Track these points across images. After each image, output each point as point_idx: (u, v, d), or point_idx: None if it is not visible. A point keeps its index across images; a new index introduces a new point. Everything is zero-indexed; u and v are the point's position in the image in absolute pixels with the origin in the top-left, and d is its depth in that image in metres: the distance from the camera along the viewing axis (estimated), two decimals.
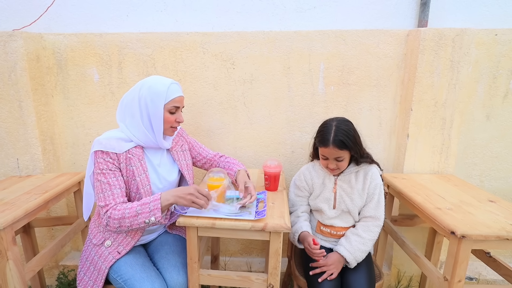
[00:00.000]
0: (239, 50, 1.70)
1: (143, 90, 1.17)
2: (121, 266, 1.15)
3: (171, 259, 1.22)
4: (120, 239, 1.20)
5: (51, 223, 1.71)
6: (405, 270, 1.80)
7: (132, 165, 1.17)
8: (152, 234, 1.33)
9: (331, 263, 1.24)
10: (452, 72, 1.58)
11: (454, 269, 1.11)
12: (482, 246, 1.11)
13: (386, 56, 1.67)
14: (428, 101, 1.62)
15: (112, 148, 1.14)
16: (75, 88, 1.78)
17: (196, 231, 1.11)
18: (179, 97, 1.21)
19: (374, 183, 1.31)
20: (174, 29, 1.75)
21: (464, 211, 1.21)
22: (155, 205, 1.06)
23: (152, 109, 1.16)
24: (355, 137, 1.24)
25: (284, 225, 1.07)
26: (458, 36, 1.53)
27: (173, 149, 1.32)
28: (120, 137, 1.18)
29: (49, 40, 1.72)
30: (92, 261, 1.19)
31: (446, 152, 1.68)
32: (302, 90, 1.74)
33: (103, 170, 1.13)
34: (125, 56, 1.73)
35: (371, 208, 1.31)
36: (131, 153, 1.18)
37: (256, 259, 1.96)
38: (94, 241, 1.22)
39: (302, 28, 1.71)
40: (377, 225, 1.31)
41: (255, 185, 1.31)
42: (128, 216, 1.06)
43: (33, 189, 1.39)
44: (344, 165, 1.27)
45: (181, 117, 1.24)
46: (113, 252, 1.17)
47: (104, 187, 1.11)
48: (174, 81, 1.22)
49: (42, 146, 1.73)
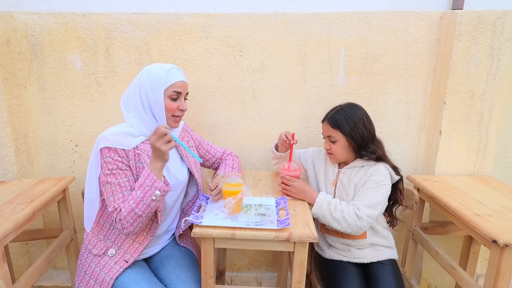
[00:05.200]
0: (248, 34, 1.78)
1: (142, 78, 1.29)
2: (125, 283, 1.22)
3: (181, 275, 1.31)
4: (126, 246, 1.29)
5: (28, 237, 1.77)
6: (436, 284, 1.94)
7: (142, 162, 1.26)
8: (155, 247, 1.41)
9: (298, 184, 1.45)
10: (492, 61, 1.69)
11: (496, 282, 1.22)
12: None
13: (416, 42, 1.77)
14: (464, 93, 1.73)
15: (120, 144, 1.23)
16: (53, 78, 1.83)
17: (212, 242, 1.20)
18: (181, 82, 1.31)
19: (372, 178, 1.43)
20: (170, 8, 1.81)
21: (506, 218, 1.33)
22: (151, 179, 1.16)
23: (152, 96, 1.28)
24: (355, 123, 1.42)
25: (311, 234, 1.16)
26: (499, 19, 1.65)
27: (180, 145, 1.42)
28: (127, 131, 1.28)
29: (21, 21, 1.76)
30: (93, 274, 1.27)
31: (483, 150, 1.80)
32: (320, 81, 1.83)
33: (112, 170, 1.21)
34: (113, 41, 1.78)
35: (357, 195, 1.43)
36: (139, 149, 1.28)
37: (266, 274, 2.07)
38: (94, 252, 1.30)
39: (320, 9, 1.80)
40: (353, 214, 1.36)
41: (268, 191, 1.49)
42: (135, 205, 1.15)
43: (15, 197, 1.45)
44: (337, 149, 1.47)
45: (185, 104, 1.34)
46: (120, 261, 1.26)
47: (115, 189, 1.20)
48: (175, 66, 1.33)
49: (14, 146, 1.78)
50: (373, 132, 1.49)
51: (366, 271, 1.47)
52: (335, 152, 1.48)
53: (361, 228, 1.37)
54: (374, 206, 1.38)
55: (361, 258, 1.47)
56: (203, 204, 1.34)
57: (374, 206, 1.38)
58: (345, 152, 1.47)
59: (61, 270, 2.07)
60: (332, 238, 1.52)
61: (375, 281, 1.40)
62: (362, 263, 1.47)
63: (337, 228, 1.38)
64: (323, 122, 1.51)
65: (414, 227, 1.79)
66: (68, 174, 1.95)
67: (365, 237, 1.47)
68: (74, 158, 1.94)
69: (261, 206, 1.35)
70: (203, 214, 1.26)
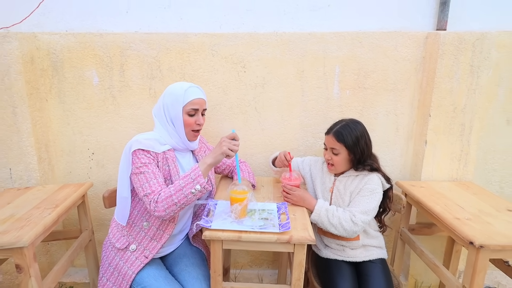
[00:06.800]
0: (251, 52, 1.87)
1: (165, 96, 1.44)
2: (144, 278, 1.33)
3: (192, 272, 1.42)
4: (146, 242, 1.39)
5: (50, 238, 1.85)
6: (422, 280, 2.04)
7: (168, 165, 1.39)
8: (170, 247, 1.52)
9: (298, 193, 1.53)
10: (472, 77, 1.79)
11: (472, 278, 1.33)
12: (500, 255, 1.33)
13: (404, 59, 1.87)
14: (447, 106, 1.84)
15: (151, 147, 1.36)
16: (72, 92, 1.92)
17: (221, 244, 1.29)
18: (197, 99, 1.42)
19: (366, 186, 1.52)
20: (179, 28, 1.91)
21: (483, 221, 1.43)
22: (196, 173, 1.26)
23: (172, 112, 1.41)
24: (358, 139, 1.51)
25: (309, 237, 1.26)
26: (478, 40, 1.75)
27: (198, 154, 1.56)
28: (156, 138, 1.41)
29: (44, 40, 1.85)
30: (117, 266, 1.38)
31: (465, 158, 1.90)
32: (316, 95, 1.93)
33: (145, 163, 1.33)
34: (127, 58, 1.88)
35: (353, 202, 1.52)
36: (167, 154, 1.40)
37: (267, 271, 2.17)
38: (117, 245, 1.41)
39: (316, 29, 1.89)
40: (349, 220, 1.44)
41: (269, 197, 1.59)
42: (174, 192, 1.25)
43: (40, 203, 1.54)
44: (338, 161, 1.54)
45: (201, 119, 1.46)
46: (140, 256, 1.37)
47: (149, 176, 1.31)
48: (194, 85, 1.46)
49: (37, 154, 1.87)
50: (371, 148, 1.58)
51: (358, 269, 1.56)
52: (336, 163, 1.55)
53: (356, 232, 1.46)
54: (368, 212, 1.47)
55: (354, 257, 1.56)
56: (212, 209, 1.44)
57: (368, 212, 1.47)
58: (345, 164, 1.56)
59: (79, 267, 2.16)
60: (328, 239, 1.61)
61: (366, 278, 1.49)
62: (354, 261, 1.57)
63: (334, 232, 1.47)
64: (328, 134, 1.57)
65: (402, 228, 1.88)
66: (85, 180, 2.04)
67: (358, 239, 1.56)
68: (90, 165, 2.03)
69: (264, 211, 1.44)
70: (212, 218, 1.36)
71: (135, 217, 1.42)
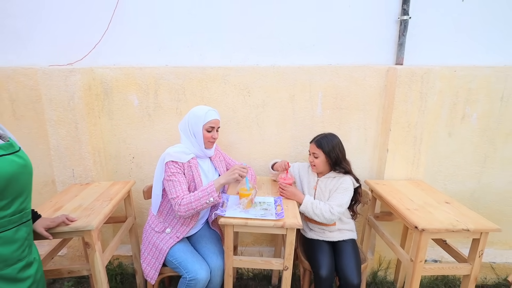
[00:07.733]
0: (254, 81, 2.03)
1: (190, 115, 1.59)
2: (176, 252, 1.50)
3: (211, 248, 1.58)
4: (178, 227, 1.56)
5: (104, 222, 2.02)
6: (385, 255, 2.19)
7: (192, 171, 1.54)
8: (194, 229, 1.68)
9: (290, 189, 1.66)
10: (421, 101, 1.94)
11: (417, 253, 1.49)
12: (438, 236, 1.48)
13: (371, 86, 2.02)
14: (403, 123, 1.98)
15: (179, 159, 1.51)
16: (118, 111, 2.09)
17: (232, 228, 1.46)
18: (214, 120, 1.59)
19: (341, 185, 1.67)
20: (200, 63, 2.06)
21: (426, 211, 1.58)
22: (211, 189, 1.43)
23: (195, 129, 1.56)
24: (333, 147, 1.66)
25: (298, 223, 1.42)
26: (425, 73, 1.90)
27: (214, 160, 1.71)
28: (182, 150, 1.56)
29: (98, 72, 2.02)
30: (154, 244, 1.55)
31: (417, 162, 2.05)
32: (304, 113, 2.08)
33: (174, 173, 1.48)
34: (160, 85, 2.04)
35: (331, 198, 1.67)
36: (191, 163, 1.55)
37: (266, 248, 2.32)
38: (156, 229, 1.58)
39: (304, 62, 2.04)
40: (328, 211, 1.60)
41: (268, 192, 1.74)
42: (193, 200, 1.42)
43: (99, 196, 1.71)
44: (318, 162, 1.69)
45: (216, 134, 1.62)
46: (173, 236, 1.54)
47: (176, 184, 1.47)
48: (212, 108, 1.61)
49: (92, 158, 2.04)
50: (344, 154, 1.72)
51: (335, 247, 1.71)
52: (317, 164, 1.70)
53: (333, 220, 1.62)
54: (342, 205, 1.62)
55: (331, 238, 1.71)
56: (225, 202, 1.60)
57: (342, 205, 1.62)
58: (323, 165, 1.70)
59: (123, 244, 2.29)
60: (312, 224, 1.76)
61: (340, 253, 1.65)
62: (332, 241, 1.72)
63: (317, 220, 1.62)
64: (311, 143, 1.73)
65: (369, 216, 2.02)
66: (127, 178, 2.20)
67: (334, 224, 1.71)
68: (131, 166, 2.19)
69: (264, 203, 1.60)
70: (226, 209, 1.52)
71: (169, 209, 1.59)
